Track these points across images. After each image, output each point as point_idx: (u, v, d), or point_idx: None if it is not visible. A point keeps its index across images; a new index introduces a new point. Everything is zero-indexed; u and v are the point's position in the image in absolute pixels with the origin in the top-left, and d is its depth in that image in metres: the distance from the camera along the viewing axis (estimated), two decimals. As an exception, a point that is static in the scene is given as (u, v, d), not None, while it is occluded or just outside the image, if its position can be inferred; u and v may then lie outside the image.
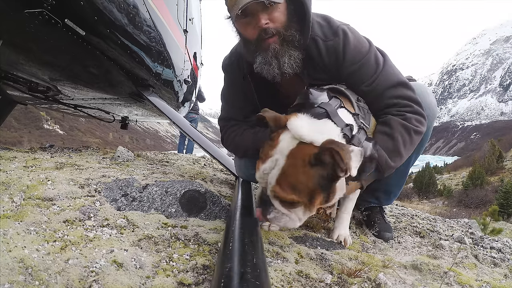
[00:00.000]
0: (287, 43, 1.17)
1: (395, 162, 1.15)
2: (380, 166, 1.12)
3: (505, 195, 16.23)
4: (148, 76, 2.32)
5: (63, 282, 0.67)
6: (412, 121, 1.17)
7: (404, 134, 1.15)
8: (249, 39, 1.20)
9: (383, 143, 1.14)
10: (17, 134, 37.59)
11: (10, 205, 0.96)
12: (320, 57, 1.24)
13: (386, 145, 1.14)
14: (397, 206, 2.61)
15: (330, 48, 1.22)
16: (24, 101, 2.56)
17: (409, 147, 1.18)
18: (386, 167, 1.13)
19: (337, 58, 1.22)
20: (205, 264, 0.85)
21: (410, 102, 1.20)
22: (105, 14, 1.63)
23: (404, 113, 1.18)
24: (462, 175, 34.86)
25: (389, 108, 1.20)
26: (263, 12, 1.11)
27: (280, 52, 1.16)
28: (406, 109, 1.19)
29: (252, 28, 1.15)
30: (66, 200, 1.08)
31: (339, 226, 1.26)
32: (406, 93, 1.21)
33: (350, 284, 0.89)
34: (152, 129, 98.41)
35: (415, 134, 1.17)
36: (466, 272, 1.13)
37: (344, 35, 1.21)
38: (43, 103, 2.73)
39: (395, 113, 1.19)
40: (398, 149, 1.14)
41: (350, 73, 1.23)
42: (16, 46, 1.51)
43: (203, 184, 1.38)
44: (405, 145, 1.16)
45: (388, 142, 1.14)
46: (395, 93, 1.20)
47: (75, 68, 1.85)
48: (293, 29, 1.17)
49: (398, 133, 1.14)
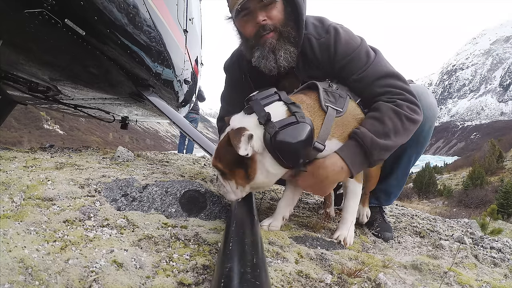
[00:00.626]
0: (284, 38, 1.23)
1: (386, 144, 1.12)
2: (366, 146, 1.09)
3: (505, 195, 16.24)
4: (148, 76, 2.32)
5: (63, 282, 0.67)
6: (404, 108, 1.15)
7: (395, 119, 1.13)
8: (248, 36, 1.26)
9: (371, 126, 1.12)
10: (17, 134, 37.59)
11: (10, 205, 0.96)
12: (314, 55, 1.28)
13: (374, 128, 1.12)
14: (397, 206, 2.62)
15: (323, 45, 1.26)
16: (24, 101, 2.56)
17: (402, 133, 1.15)
18: (372, 146, 1.10)
19: (329, 54, 1.25)
20: (205, 264, 0.85)
21: (402, 91, 1.19)
22: (105, 14, 1.63)
23: (395, 99, 1.17)
24: (462, 175, 34.87)
25: (380, 96, 1.20)
26: (261, 10, 1.19)
27: (277, 47, 1.23)
28: (398, 97, 1.18)
29: (251, 25, 1.22)
30: (66, 200, 1.08)
31: (341, 226, 1.26)
32: (397, 83, 1.21)
33: (350, 284, 0.89)
34: (152, 129, 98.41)
35: (407, 120, 1.15)
36: (466, 272, 1.13)
37: (335, 32, 1.26)
38: (43, 103, 2.73)
39: (386, 100, 1.19)
40: (387, 133, 1.12)
41: (341, 67, 1.25)
42: (16, 46, 1.51)
43: (203, 184, 1.38)
44: (396, 130, 1.13)
45: (377, 125, 1.13)
46: (386, 83, 1.21)
47: (75, 68, 1.85)
48: (289, 26, 1.23)
49: (387, 117, 1.13)
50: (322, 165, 1.11)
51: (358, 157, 1.11)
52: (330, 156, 1.12)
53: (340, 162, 1.10)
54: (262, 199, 1.74)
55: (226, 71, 1.54)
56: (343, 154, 1.11)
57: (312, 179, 1.14)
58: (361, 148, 1.11)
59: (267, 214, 1.49)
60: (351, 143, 1.12)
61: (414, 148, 1.40)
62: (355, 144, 1.11)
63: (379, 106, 1.17)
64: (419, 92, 1.35)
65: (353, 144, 1.12)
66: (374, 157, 1.12)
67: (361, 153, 1.11)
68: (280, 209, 1.27)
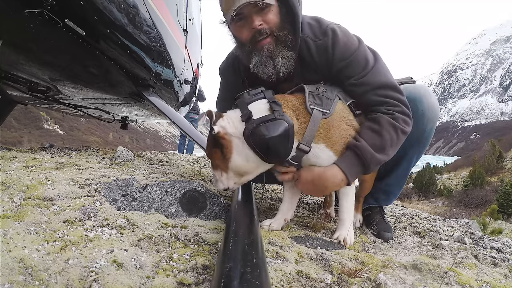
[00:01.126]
0: (281, 43, 1.21)
1: (382, 157, 1.17)
2: (364, 159, 1.14)
3: (505, 195, 16.24)
4: (148, 76, 2.32)
5: (63, 282, 0.67)
6: (399, 121, 1.19)
7: (392, 133, 1.17)
8: (244, 41, 1.23)
9: (371, 139, 1.16)
10: (17, 134, 37.57)
11: (10, 205, 0.96)
12: (312, 57, 1.27)
13: (373, 141, 1.16)
14: (397, 206, 2.62)
15: (320, 47, 1.25)
16: (24, 101, 2.55)
17: (395, 147, 1.21)
18: (371, 161, 1.15)
19: (327, 56, 1.24)
20: (205, 264, 0.85)
21: (399, 103, 1.21)
22: (105, 14, 1.63)
23: (393, 112, 1.20)
24: (462, 175, 34.88)
25: (379, 106, 1.22)
26: (256, 14, 1.16)
27: (275, 52, 1.21)
28: (396, 109, 1.20)
29: (247, 30, 1.20)
30: (66, 200, 1.08)
31: (340, 227, 1.27)
32: (395, 95, 1.23)
33: (350, 284, 0.89)
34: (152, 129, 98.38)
35: (402, 133, 1.20)
36: (466, 272, 1.13)
37: (333, 33, 1.24)
38: (43, 103, 2.73)
39: (384, 111, 1.20)
40: (384, 147, 1.17)
41: (339, 70, 1.25)
42: (16, 46, 1.50)
43: (203, 184, 1.38)
44: (392, 144, 1.18)
45: (376, 138, 1.16)
46: (385, 93, 1.22)
47: (75, 68, 1.85)
48: (285, 30, 1.21)
49: (386, 131, 1.17)
50: (323, 176, 1.16)
51: (356, 168, 1.17)
52: (331, 167, 1.16)
53: (341, 175, 1.15)
54: (262, 199, 1.74)
55: (221, 75, 1.52)
56: (343, 166, 1.15)
57: (311, 186, 1.19)
58: (360, 160, 1.15)
59: (267, 214, 1.50)
60: (351, 155, 1.16)
61: (415, 148, 1.39)
62: (355, 157, 1.16)
63: (379, 119, 1.19)
64: (421, 93, 1.35)
65: (353, 156, 1.16)
66: (370, 169, 1.18)
67: (359, 165, 1.16)
68: (283, 211, 1.29)
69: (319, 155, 1.16)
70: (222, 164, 1.12)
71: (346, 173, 1.15)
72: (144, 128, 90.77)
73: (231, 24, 1.23)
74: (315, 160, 1.17)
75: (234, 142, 1.10)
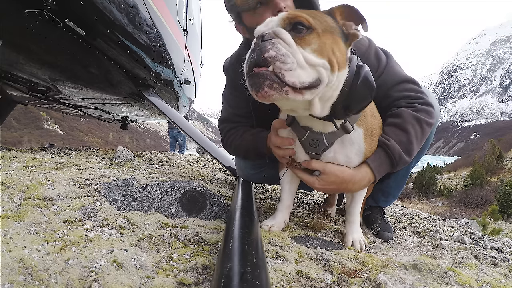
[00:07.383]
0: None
1: (409, 155, 1.13)
2: (394, 158, 1.10)
3: (505, 195, 16.23)
4: (148, 76, 2.32)
5: (63, 282, 0.67)
6: (422, 113, 1.16)
7: (416, 126, 1.14)
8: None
9: (396, 136, 1.12)
10: (17, 134, 37.55)
11: (10, 205, 0.96)
12: None
13: (399, 138, 1.12)
14: (397, 206, 2.62)
15: None
16: (24, 101, 2.56)
17: (421, 139, 1.16)
18: (400, 160, 1.11)
19: None
20: (205, 264, 0.84)
21: (420, 95, 1.19)
22: (105, 14, 1.63)
23: (415, 104, 1.17)
24: (462, 175, 34.87)
25: (399, 101, 1.19)
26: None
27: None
28: (417, 101, 1.18)
29: (269, 14, 1.13)
30: (66, 200, 1.08)
31: (350, 231, 1.25)
32: (414, 87, 1.21)
33: (350, 284, 0.89)
34: (152, 129, 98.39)
35: (426, 125, 1.16)
36: (466, 272, 1.13)
37: None
38: (43, 103, 2.73)
39: (406, 105, 1.18)
40: (411, 141, 1.12)
41: None
42: (16, 46, 1.51)
43: (203, 184, 1.38)
44: (417, 137, 1.14)
45: (401, 134, 1.12)
46: (405, 87, 1.20)
47: (75, 68, 1.85)
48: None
49: (410, 125, 1.13)
50: (351, 180, 1.09)
51: (385, 167, 1.12)
52: (360, 169, 1.10)
53: (370, 176, 1.11)
54: (262, 199, 1.74)
55: (225, 72, 1.51)
56: (374, 165, 1.10)
57: (334, 188, 1.12)
58: (390, 160, 1.11)
59: (267, 214, 1.49)
60: (382, 153, 1.11)
61: None
62: (385, 156, 1.11)
63: (401, 113, 1.16)
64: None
65: (384, 155, 1.11)
66: (396, 169, 1.14)
67: (388, 163, 1.12)
68: (282, 212, 1.27)
69: (353, 142, 1.06)
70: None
71: (376, 173, 1.10)
72: (144, 128, 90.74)
73: (248, 14, 1.17)
74: (343, 155, 1.07)
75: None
